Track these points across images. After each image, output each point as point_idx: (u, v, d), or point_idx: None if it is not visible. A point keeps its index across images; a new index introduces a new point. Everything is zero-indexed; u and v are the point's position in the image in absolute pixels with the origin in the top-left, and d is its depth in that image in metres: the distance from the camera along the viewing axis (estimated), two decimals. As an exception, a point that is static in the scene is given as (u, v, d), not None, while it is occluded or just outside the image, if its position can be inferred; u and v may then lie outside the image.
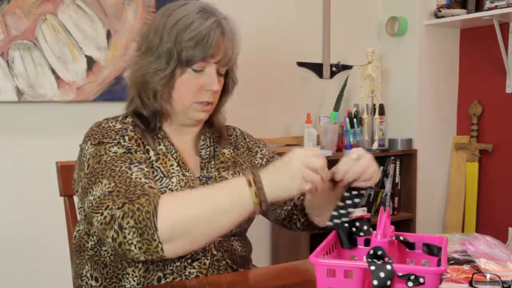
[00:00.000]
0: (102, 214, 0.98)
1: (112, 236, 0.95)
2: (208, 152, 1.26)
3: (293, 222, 1.32)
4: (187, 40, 1.13)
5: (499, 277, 1.05)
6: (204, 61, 1.15)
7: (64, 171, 1.38)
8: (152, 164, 1.15)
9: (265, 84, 2.62)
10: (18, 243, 2.06)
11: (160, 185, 1.12)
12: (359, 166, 1.00)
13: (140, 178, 1.03)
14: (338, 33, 2.85)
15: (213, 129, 1.30)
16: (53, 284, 2.00)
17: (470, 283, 1.06)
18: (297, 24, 2.71)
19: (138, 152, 1.11)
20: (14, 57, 1.96)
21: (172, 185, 1.13)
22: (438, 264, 0.90)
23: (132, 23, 2.19)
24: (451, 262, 1.13)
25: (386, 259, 0.86)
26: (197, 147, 1.26)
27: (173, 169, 1.17)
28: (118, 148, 1.09)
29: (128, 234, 0.94)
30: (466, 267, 1.10)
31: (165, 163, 1.17)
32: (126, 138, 1.13)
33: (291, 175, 0.95)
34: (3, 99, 1.96)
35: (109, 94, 2.14)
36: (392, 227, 0.97)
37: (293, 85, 2.73)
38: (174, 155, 1.19)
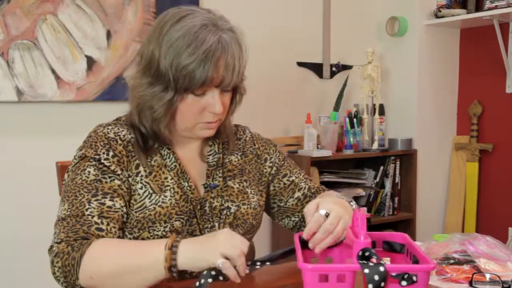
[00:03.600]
0: (53, 235, 1.05)
1: (50, 261, 1.02)
2: (215, 159, 1.22)
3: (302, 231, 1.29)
4: (183, 66, 1.04)
5: (499, 277, 1.05)
6: (204, 86, 1.07)
7: (64, 171, 1.37)
8: (141, 179, 1.12)
9: (265, 84, 2.62)
10: (18, 243, 2.06)
11: (150, 201, 1.11)
12: (328, 223, 0.98)
13: (93, 217, 1.03)
14: (338, 33, 2.85)
15: (220, 135, 1.24)
16: (53, 284, 2.00)
17: (470, 283, 1.06)
18: (297, 24, 2.71)
19: (111, 178, 1.09)
20: (14, 57, 1.96)
21: (165, 199, 1.12)
22: (414, 261, 0.91)
23: (132, 23, 2.19)
24: (451, 262, 1.13)
25: (373, 259, 0.86)
26: (204, 153, 1.22)
27: (167, 181, 1.14)
28: (94, 169, 1.08)
29: (57, 271, 1.00)
30: (466, 267, 1.10)
31: (160, 175, 1.14)
32: (111, 153, 1.11)
33: (211, 246, 0.94)
34: (3, 99, 1.96)
35: (109, 94, 2.14)
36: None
37: (293, 85, 2.73)
38: (173, 165, 1.16)
